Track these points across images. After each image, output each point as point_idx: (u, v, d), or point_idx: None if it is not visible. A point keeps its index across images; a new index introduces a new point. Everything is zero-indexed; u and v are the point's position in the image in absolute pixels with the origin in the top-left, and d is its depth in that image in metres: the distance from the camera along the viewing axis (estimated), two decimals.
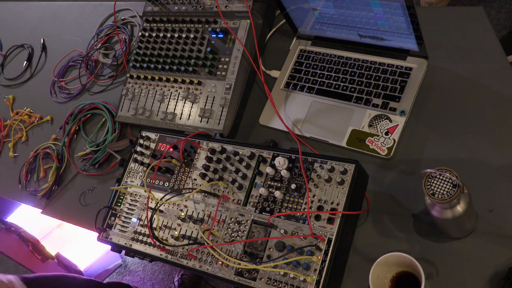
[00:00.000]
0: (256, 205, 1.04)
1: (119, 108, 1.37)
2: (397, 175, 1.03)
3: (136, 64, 1.37)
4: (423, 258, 0.92)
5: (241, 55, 1.22)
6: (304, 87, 1.19)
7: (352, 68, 1.15)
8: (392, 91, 1.08)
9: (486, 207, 0.92)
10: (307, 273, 0.93)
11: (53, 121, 1.56)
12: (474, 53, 1.07)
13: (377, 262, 0.87)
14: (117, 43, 1.54)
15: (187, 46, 1.30)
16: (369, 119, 1.08)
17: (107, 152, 1.35)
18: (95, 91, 1.53)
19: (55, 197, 1.41)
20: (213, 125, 1.21)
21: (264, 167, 1.06)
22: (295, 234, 0.97)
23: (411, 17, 0.96)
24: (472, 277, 0.89)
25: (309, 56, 1.21)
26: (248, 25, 1.23)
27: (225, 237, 1.04)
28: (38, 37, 1.76)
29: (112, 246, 1.18)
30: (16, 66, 1.76)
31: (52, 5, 1.84)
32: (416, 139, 1.04)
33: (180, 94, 1.28)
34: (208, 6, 1.30)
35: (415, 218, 0.97)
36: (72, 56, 1.63)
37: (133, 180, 1.22)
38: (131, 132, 1.38)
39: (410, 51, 1.08)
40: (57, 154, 1.45)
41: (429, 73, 1.08)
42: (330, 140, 1.11)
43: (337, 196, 0.96)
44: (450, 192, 0.77)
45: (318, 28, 1.17)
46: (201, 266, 1.05)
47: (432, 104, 1.06)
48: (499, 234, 0.90)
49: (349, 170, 0.97)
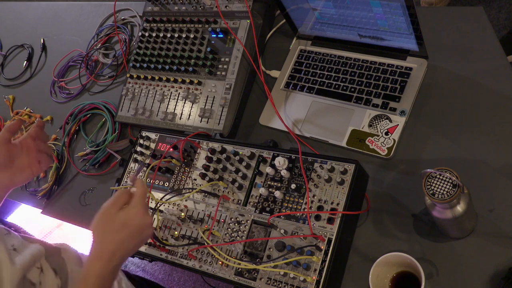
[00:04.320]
0: (256, 205, 1.04)
1: (119, 108, 1.37)
2: (397, 175, 1.03)
3: (136, 64, 1.37)
4: (423, 258, 0.92)
5: (241, 55, 1.22)
6: (304, 87, 1.19)
7: (352, 68, 1.15)
8: (392, 91, 1.08)
9: (486, 207, 0.92)
10: (307, 273, 0.93)
11: (53, 121, 1.56)
12: (474, 53, 1.07)
13: (377, 262, 0.87)
14: (117, 43, 1.54)
15: (187, 46, 1.30)
16: (369, 119, 1.08)
17: (107, 152, 1.35)
18: (95, 91, 1.52)
19: (55, 197, 1.41)
20: (213, 125, 1.21)
21: (264, 167, 1.06)
22: (295, 234, 0.97)
23: (411, 17, 0.96)
24: (472, 277, 0.89)
25: (309, 56, 1.21)
26: (248, 25, 1.23)
27: (225, 237, 1.04)
28: (38, 37, 1.76)
29: None
30: (16, 66, 1.76)
31: (52, 5, 1.84)
32: (416, 139, 1.04)
33: (180, 94, 1.28)
34: (208, 6, 1.30)
35: (415, 218, 0.97)
36: (72, 56, 1.63)
37: None
38: (131, 132, 1.38)
39: (410, 51, 1.08)
40: (57, 154, 1.45)
41: (429, 73, 1.08)
42: (330, 140, 1.11)
43: (337, 196, 0.96)
44: (450, 192, 0.77)
45: (318, 28, 1.17)
46: (201, 266, 1.05)
47: (432, 104, 1.06)
48: (499, 234, 0.90)
49: (349, 170, 0.97)
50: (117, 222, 0.84)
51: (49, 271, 0.87)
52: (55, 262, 0.91)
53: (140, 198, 0.88)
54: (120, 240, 0.82)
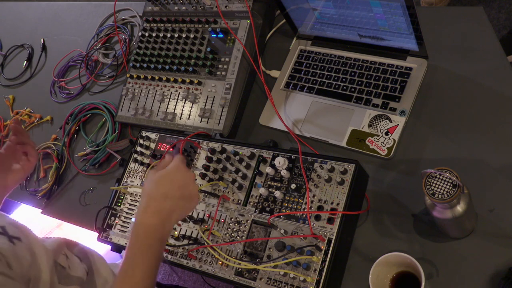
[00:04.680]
0: (256, 205, 1.04)
1: (119, 108, 1.37)
2: (397, 175, 1.03)
3: (136, 64, 1.37)
4: (423, 258, 0.92)
5: (241, 55, 1.22)
6: (304, 87, 1.19)
7: (352, 68, 1.15)
8: (392, 91, 1.08)
9: (486, 207, 0.92)
10: (307, 273, 0.93)
11: (53, 121, 1.56)
12: (474, 53, 1.07)
13: (377, 262, 0.87)
14: (117, 43, 1.54)
15: (187, 46, 1.30)
16: (369, 119, 1.08)
17: (107, 152, 1.35)
18: (95, 91, 1.52)
19: (55, 197, 1.41)
20: (213, 125, 1.21)
21: (264, 167, 1.06)
22: (295, 234, 0.97)
23: (411, 17, 0.96)
24: (472, 277, 0.89)
25: (309, 56, 1.21)
26: (248, 25, 1.23)
27: (225, 237, 1.04)
28: (38, 37, 1.76)
29: (112, 246, 1.18)
30: (16, 66, 1.76)
31: (52, 5, 1.84)
32: (416, 139, 1.04)
33: (180, 94, 1.28)
34: (208, 6, 1.30)
35: (415, 218, 0.97)
36: (72, 56, 1.63)
37: (133, 180, 1.22)
38: (131, 132, 1.38)
39: (410, 51, 1.08)
40: (57, 154, 1.44)
41: (429, 73, 1.08)
42: (330, 140, 1.11)
43: (337, 196, 0.96)
44: (450, 192, 0.77)
45: (318, 28, 1.17)
46: (201, 266, 1.05)
47: (432, 104, 1.06)
48: (499, 234, 0.90)
49: (349, 170, 0.97)
50: (159, 176, 0.87)
51: (74, 258, 0.89)
52: (77, 252, 0.93)
53: (180, 160, 0.91)
54: (163, 193, 0.85)
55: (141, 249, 0.81)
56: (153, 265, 0.80)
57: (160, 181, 0.86)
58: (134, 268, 0.78)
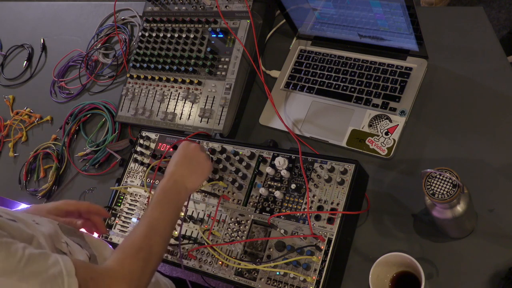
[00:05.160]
0: (256, 205, 1.04)
1: (119, 108, 1.37)
2: (397, 175, 1.03)
3: (136, 64, 1.37)
4: (423, 258, 0.92)
5: (241, 55, 1.22)
6: (304, 87, 1.19)
7: (352, 68, 1.15)
8: (392, 91, 1.08)
9: (486, 207, 0.92)
10: (307, 273, 0.93)
11: (53, 121, 1.56)
12: (474, 53, 1.07)
13: (377, 262, 0.87)
14: (117, 43, 1.54)
15: (187, 46, 1.30)
16: (369, 119, 1.08)
17: (107, 152, 1.35)
18: (95, 91, 1.52)
19: (55, 197, 1.41)
20: (213, 125, 1.21)
21: (264, 167, 1.06)
22: (295, 234, 0.97)
23: (411, 17, 0.96)
24: (472, 277, 0.89)
25: (309, 56, 1.21)
26: (248, 25, 1.23)
27: (225, 237, 1.04)
28: (38, 37, 1.76)
29: (112, 246, 1.18)
30: (16, 66, 1.76)
31: (52, 5, 1.84)
32: (416, 139, 1.04)
33: (180, 94, 1.28)
34: (208, 6, 1.30)
35: (415, 218, 0.97)
36: (72, 56, 1.63)
37: (133, 180, 1.22)
38: (131, 132, 1.38)
39: (410, 51, 1.08)
40: (57, 154, 1.45)
41: (429, 73, 1.08)
42: (330, 140, 1.11)
43: (337, 196, 0.96)
44: (450, 192, 0.77)
45: (318, 28, 1.17)
46: (201, 266, 1.05)
47: (432, 104, 1.06)
48: (499, 234, 0.90)
49: (349, 170, 0.97)
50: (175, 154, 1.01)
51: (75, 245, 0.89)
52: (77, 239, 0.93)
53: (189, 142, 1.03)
54: (176, 162, 0.98)
55: (161, 202, 0.92)
56: (172, 218, 0.92)
57: (174, 156, 1.00)
58: (158, 217, 0.89)
